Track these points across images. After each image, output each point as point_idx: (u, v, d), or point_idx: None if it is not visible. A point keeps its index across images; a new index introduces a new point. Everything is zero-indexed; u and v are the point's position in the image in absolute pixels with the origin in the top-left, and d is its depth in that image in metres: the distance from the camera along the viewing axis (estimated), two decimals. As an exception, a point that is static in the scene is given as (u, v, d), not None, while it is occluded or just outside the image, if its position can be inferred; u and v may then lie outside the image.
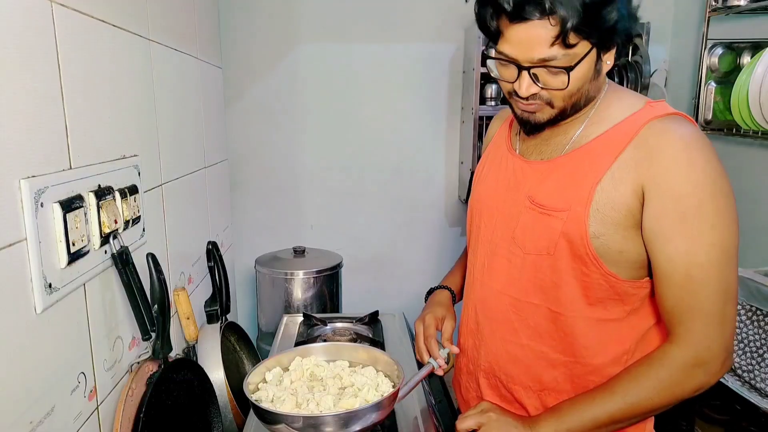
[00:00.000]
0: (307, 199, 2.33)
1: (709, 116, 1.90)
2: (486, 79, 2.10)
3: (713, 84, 1.92)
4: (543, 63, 0.81)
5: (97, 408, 0.90)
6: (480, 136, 2.10)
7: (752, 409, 1.38)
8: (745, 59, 1.87)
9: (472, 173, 2.07)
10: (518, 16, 0.79)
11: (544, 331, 0.96)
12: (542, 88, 0.85)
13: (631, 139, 0.85)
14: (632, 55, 2.00)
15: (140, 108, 1.10)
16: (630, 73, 2.02)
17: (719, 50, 1.91)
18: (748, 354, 1.43)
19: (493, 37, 0.86)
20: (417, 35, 2.22)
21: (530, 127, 0.92)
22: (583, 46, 0.80)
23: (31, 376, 0.71)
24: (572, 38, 0.78)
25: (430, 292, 1.23)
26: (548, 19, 0.77)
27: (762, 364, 1.40)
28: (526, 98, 0.87)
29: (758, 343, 1.41)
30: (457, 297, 1.21)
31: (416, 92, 2.27)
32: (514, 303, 0.97)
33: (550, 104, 0.87)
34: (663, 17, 2.19)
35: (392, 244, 2.39)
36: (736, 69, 1.87)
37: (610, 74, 0.96)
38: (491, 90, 2.10)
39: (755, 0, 1.73)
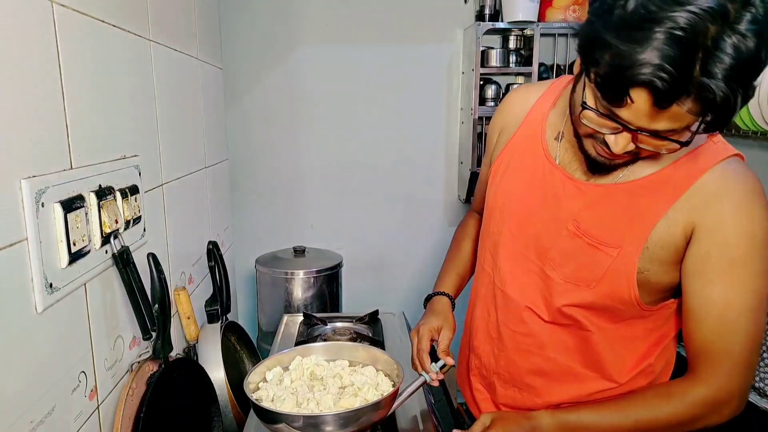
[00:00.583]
0: (307, 199, 2.34)
1: (709, 116, 1.90)
2: (485, 79, 2.10)
3: (713, 84, 1.92)
4: (656, 133, 0.72)
5: (97, 407, 0.90)
6: (480, 137, 2.10)
7: (752, 408, 1.38)
8: (745, 59, 1.87)
9: (472, 174, 2.09)
10: (667, 102, 0.67)
11: (573, 348, 0.96)
12: (639, 147, 0.76)
13: (692, 183, 0.82)
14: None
15: (141, 108, 1.10)
16: (630, 73, 2.02)
17: (719, 50, 1.91)
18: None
19: (612, 98, 0.71)
20: (416, 36, 2.22)
21: (600, 169, 0.86)
22: (697, 123, 0.72)
23: (32, 376, 0.72)
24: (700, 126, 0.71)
25: (428, 298, 1.18)
26: (690, 110, 0.68)
27: (761, 363, 1.40)
28: (616, 150, 0.77)
29: (757, 343, 1.41)
30: (455, 296, 1.18)
31: (416, 92, 2.27)
32: (543, 318, 0.96)
33: (634, 157, 0.81)
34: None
35: (392, 243, 2.39)
36: (736, 69, 1.87)
37: None
38: (490, 90, 2.10)
39: (755, 0, 1.73)
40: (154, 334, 0.99)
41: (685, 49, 0.63)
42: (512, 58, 2.08)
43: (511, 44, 2.13)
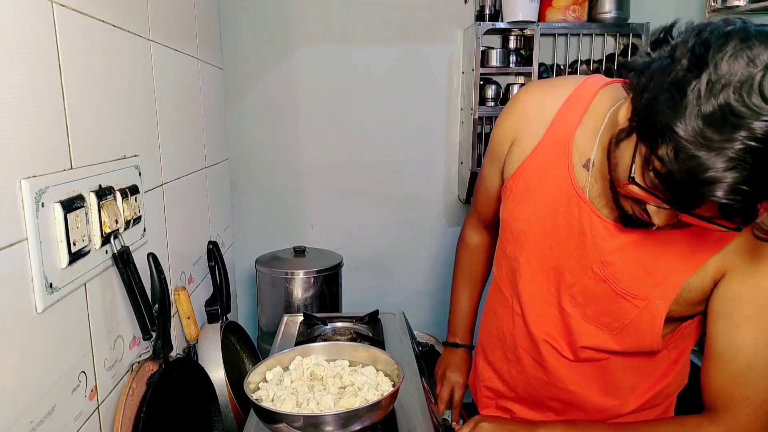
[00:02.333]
0: (307, 199, 2.34)
1: (709, 116, 1.91)
2: (485, 79, 2.10)
3: (713, 84, 1.92)
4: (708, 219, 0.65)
5: (97, 407, 0.90)
6: (480, 137, 2.10)
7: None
8: (745, 59, 1.87)
9: (472, 174, 2.09)
10: (729, 218, 0.61)
11: (592, 380, 0.95)
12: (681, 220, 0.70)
13: (728, 242, 0.77)
14: (632, 55, 2.00)
15: (141, 108, 1.10)
16: (630, 73, 2.02)
17: (719, 50, 1.92)
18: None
19: (686, 202, 0.62)
20: (416, 36, 2.22)
21: (635, 225, 0.79)
22: None
23: (32, 376, 0.72)
24: None
25: (446, 344, 1.27)
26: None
27: None
28: (657, 220, 0.71)
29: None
30: (470, 340, 1.24)
31: (416, 92, 2.27)
32: (562, 355, 0.96)
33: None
34: (663, 17, 2.18)
35: (392, 243, 2.39)
36: (736, 69, 1.87)
37: (609, 75, 0.89)
38: (490, 90, 2.10)
39: (755, 0, 1.74)
40: (154, 334, 0.99)
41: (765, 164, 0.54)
42: (512, 58, 2.08)
43: (511, 44, 2.13)
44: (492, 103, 2.10)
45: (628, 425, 0.91)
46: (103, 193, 0.87)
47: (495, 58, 2.05)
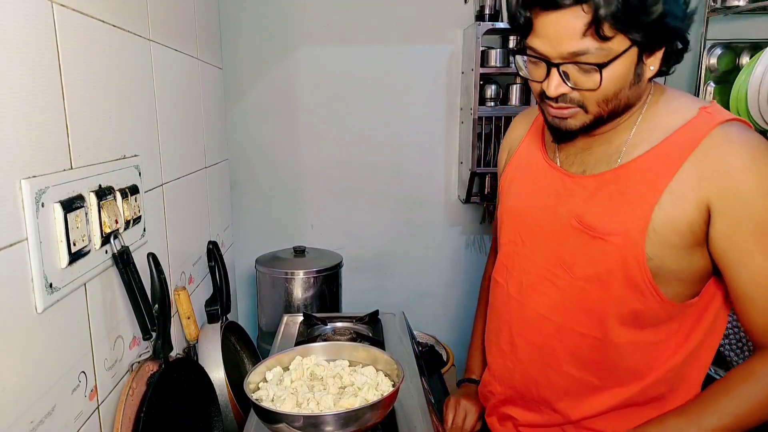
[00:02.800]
0: (307, 199, 2.34)
1: (709, 116, 1.90)
2: (485, 79, 2.10)
3: (712, 84, 1.92)
4: (574, 58, 0.75)
5: (97, 407, 0.90)
6: (480, 137, 2.10)
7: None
8: (744, 59, 1.87)
9: (472, 174, 2.09)
10: (551, 3, 0.73)
11: (588, 359, 0.91)
12: (573, 88, 0.78)
13: (690, 153, 0.78)
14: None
15: (141, 108, 1.10)
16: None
17: (718, 50, 1.91)
18: (747, 353, 1.43)
19: (523, 30, 0.80)
20: (416, 36, 2.22)
21: (561, 135, 0.86)
22: (621, 42, 0.74)
23: (32, 376, 0.72)
24: (607, 29, 0.72)
25: (463, 381, 1.26)
26: (581, 6, 0.72)
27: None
28: (556, 100, 0.80)
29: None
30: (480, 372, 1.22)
31: (415, 92, 2.27)
32: (558, 329, 0.92)
33: (584, 108, 0.81)
34: (662, 17, 2.19)
35: (392, 243, 2.39)
36: (735, 69, 1.87)
37: None
38: (490, 90, 2.10)
39: (754, 0, 1.74)
40: (154, 334, 0.99)
41: None
42: (512, 59, 2.08)
43: (511, 44, 2.13)
44: (492, 103, 2.10)
45: (698, 402, 0.85)
46: (103, 193, 0.87)
47: (495, 58, 2.05)
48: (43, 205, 0.72)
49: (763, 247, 0.77)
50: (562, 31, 0.74)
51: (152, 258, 0.99)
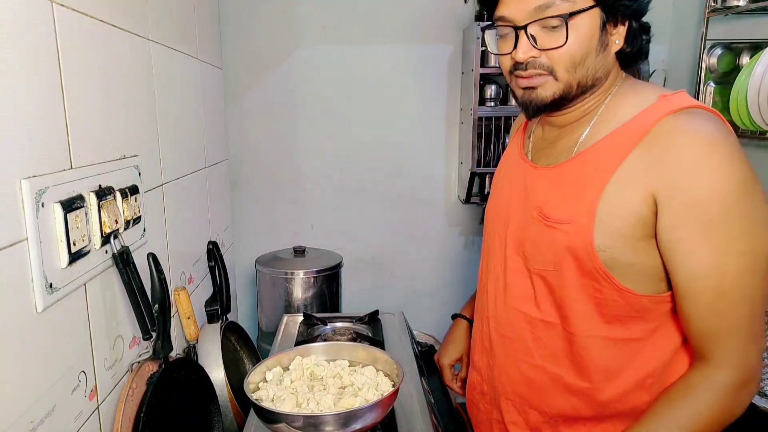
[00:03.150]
0: (307, 199, 2.34)
1: (709, 116, 1.91)
2: (485, 80, 2.10)
3: (712, 84, 1.92)
4: (541, 14, 0.77)
5: (97, 407, 0.90)
6: (480, 137, 2.10)
7: (752, 408, 1.38)
8: (744, 60, 1.87)
9: (472, 174, 2.09)
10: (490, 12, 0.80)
11: (560, 353, 0.88)
12: (541, 50, 0.79)
13: (639, 140, 0.76)
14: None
15: (141, 108, 1.10)
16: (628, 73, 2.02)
17: (718, 50, 1.91)
18: (747, 353, 1.43)
19: (490, 4, 0.83)
20: (416, 36, 2.22)
21: (533, 108, 0.84)
22: (584, 0, 0.76)
23: (32, 376, 0.72)
24: None
25: (454, 317, 1.27)
26: None
27: (762, 363, 1.40)
28: (525, 67, 0.81)
29: (757, 343, 1.41)
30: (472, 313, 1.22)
31: (415, 93, 2.27)
32: (529, 321, 0.91)
33: (553, 75, 0.80)
34: (662, 17, 2.19)
35: (392, 243, 2.39)
36: (735, 69, 1.87)
37: None
38: (490, 91, 2.10)
39: (755, 0, 1.73)
40: (154, 334, 0.99)
41: None
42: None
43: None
44: (492, 104, 2.10)
45: (647, 416, 0.81)
46: (103, 193, 0.87)
47: (495, 59, 2.05)
48: (43, 205, 0.72)
49: (708, 243, 0.72)
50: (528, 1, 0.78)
51: (152, 258, 0.99)
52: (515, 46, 0.80)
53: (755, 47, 1.84)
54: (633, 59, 0.85)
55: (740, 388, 0.77)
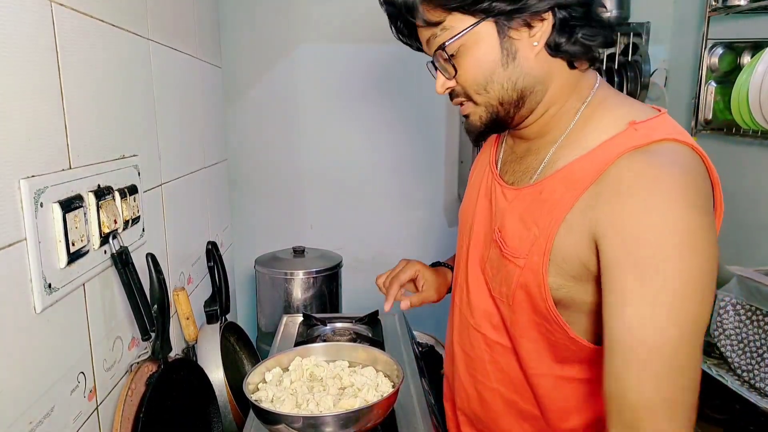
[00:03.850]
0: (306, 199, 2.33)
1: (709, 116, 1.91)
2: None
3: (713, 84, 1.92)
4: (429, 51, 0.80)
5: (96, 408, 0.90)
6: (480, 136, 2.10)
7: (752, 408, 1.38)
8: (746, 59, 1.87)
9: (472, 173, 2.09)
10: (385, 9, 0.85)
11: (516, 378, 0.84)
12: (449, 79, 0.78)
13: (595, 178, 0.67)
14: (632, 54, 2.00)
15: (140, 108, 1.10)
16: (629, 73, 2.02)
17: (719, 50, 1.91)
18: (748, 354, 1.43)
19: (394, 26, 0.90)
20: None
21: (473, 136, 0.82)
22: (460, 20, 0.70)
23: (31, 376, 0.71)
24: (429, 14, 0.73)
25: (435, 264, 1.23)
26: (404, 3, 0.76)
27: (762, 363, 1.40)
28: (451, 98, 0.81)
29: (758, 343, 1.41)
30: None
31: (415, 92, 2.26)
32: (488, 343, 0.86)
33: (472, 101, 0.77)
34: (663, 17, 2.19)
35: (392, 243, 2.39)
36: (737, 69, 1.87)
37: (609, 74, 0.90)
38: (491, 90, 2.10)
39: (755, 0, 1.73)
40: (153, 335, 0.99)
41: None
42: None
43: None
44: (492, 103, 2.09)
45: None
46: (101, 193, 0.87)
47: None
48: (41, 205, 0.72)
49: (643, 297, 0.62)
50: (420, 31, 0.80)
51: (151, 258, 0.99)
52: (434, 76, 0.81)
53: (756, 46, 1.83)
54: (582, 52, 0.72)
55: None
